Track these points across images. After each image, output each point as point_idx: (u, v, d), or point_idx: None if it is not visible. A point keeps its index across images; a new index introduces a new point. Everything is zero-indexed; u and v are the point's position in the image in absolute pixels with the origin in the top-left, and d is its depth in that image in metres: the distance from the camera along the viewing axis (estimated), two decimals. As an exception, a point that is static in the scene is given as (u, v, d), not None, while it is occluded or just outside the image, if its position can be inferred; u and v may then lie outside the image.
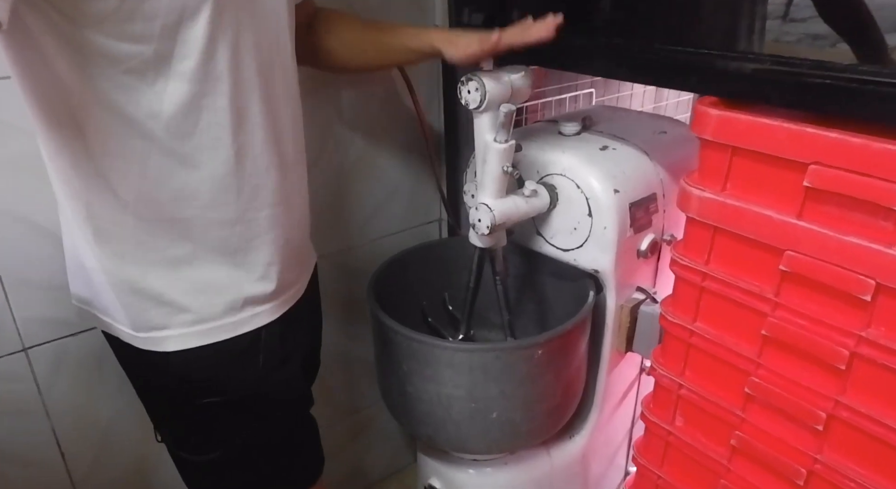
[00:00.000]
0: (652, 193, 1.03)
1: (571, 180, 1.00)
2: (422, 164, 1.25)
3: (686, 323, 0.86)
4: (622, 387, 1.18)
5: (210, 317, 0.72)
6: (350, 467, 1.44)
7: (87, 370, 1.00)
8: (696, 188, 0.78)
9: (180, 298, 0.70)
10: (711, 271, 0.81)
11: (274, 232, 0.75)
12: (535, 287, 1.24)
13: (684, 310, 0.86)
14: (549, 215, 1.05)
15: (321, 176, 1.14)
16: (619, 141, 1.07)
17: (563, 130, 1.09)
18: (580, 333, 1.01)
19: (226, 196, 0.69)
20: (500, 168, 0.94)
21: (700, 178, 0.79)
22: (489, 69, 0.90)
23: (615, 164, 1.00)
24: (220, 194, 0.69)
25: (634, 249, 1.04)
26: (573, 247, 1.04)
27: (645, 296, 1.07)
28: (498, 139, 0.92)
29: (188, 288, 0.71)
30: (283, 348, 0.79)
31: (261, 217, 0.73)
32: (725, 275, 0.79)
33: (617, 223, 0.98)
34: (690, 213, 0.80)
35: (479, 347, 0.92)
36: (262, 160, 0.71)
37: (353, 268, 1.25)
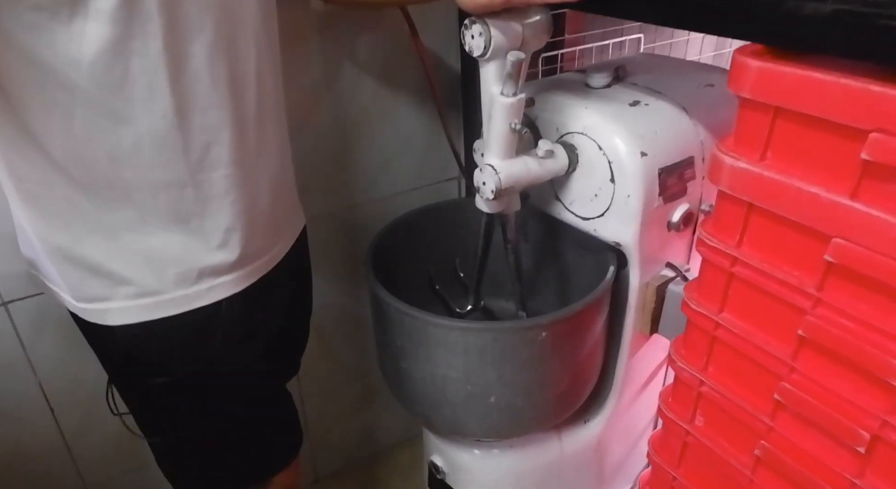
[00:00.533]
0: (688, 157, 0.89)
1: (593, 140, 0.87)
2: (437, 114, 1.14)
3: (711, 313, 0.74)
4: (647, 370, 1.07)
5: (158, 290, 0.65)
6: (360, 431, 1.39)
7: (70, 327, 0.96)
8: (730, 156, 0.65)
9: (121, 269, 0.63)
10: (743, 256, 0.68)
11: (233, 195, 0.66)
12: (557, 256, 1.12)
13: (710, 298, 0.74)
14: (569, 179, 0.93)
15: (321, 126, 1.05)
16: (655, 95, 0.92)
17: (590, 82, 0.95)
18: (594, 315, 0.90)
19: (170, 155, 0.61)
20: (507, 125, 0.82)
21: (735, 144, 0.66)
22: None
23: (645, 123, 0.87)
24: (162, 153, 0.60)
25: (664, 221, 0.91)
26: (593, 215, 0.92)
27: (675, 273, 0.95)
28: (505, 92, 0.80)
29: (131, 257, 0.63)
30: (246, 323, 0.71)
31: (215, 178, 0.64)
32: (759, 262, 0.66)
33: (643, 191, 0.85)
34: (721, 185, 0.67)
35: (475, 327, 0.83)
36: (211, 115, 0.62)
37: (360, 227, 1.16)
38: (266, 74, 0.67)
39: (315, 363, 1.24)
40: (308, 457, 1.33)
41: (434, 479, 1.13)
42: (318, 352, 1.23)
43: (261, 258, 0.73)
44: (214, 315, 0.68)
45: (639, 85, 0.96)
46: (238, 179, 0.66)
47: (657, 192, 0.86)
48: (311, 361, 1.23)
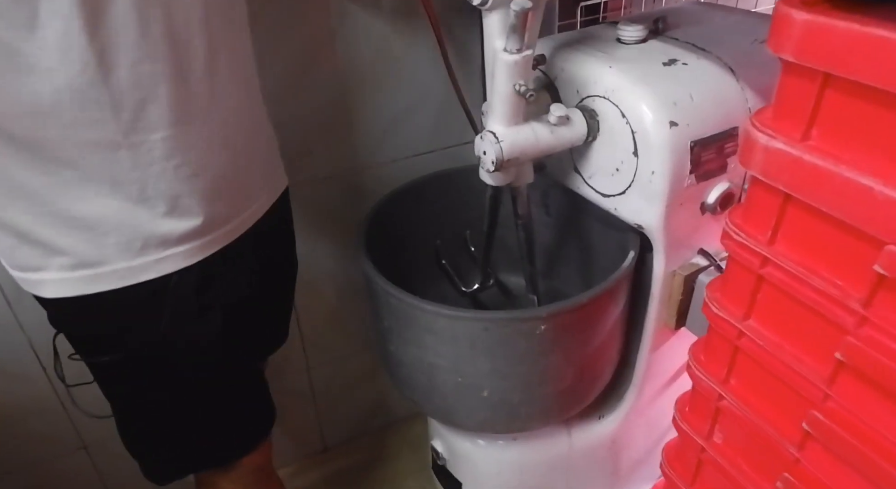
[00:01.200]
0: (731, 128, 0.75)
1: (615, 105, 0.74)
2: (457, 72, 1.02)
3: (735, 319, 0.62)
4: (672, 365, 0.95)
5: (97, 261, 0.59)
6: (370, 402, 1.34)
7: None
8: (765, 133, 0.52)
9: (54, 237, 0.57)
10: (775, 256, 0.55)
11: (177, 159, 0.58)
12: (580, 232, 1.01)
13: (735, 302, 0.62)
14: (589, 149, 0.81)
15: (322, 81, 0.96)
16: (696, 52, 0.78)
17: (621, 36, 0.81)
18: (605, 306, 0.79)
19: (96, 113, 0.53)
20: (511, 86, 0.70)
21: (773, 119, 0.53)
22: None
23: (680, 86, 0.73)
24: (87, 110, 0.53)
25: (697, 202, 0.78)
26: (614, 192, 0.80)
27: (708, 262, 0.82)
28: (508, 48, 0.68)
29: (63, 224, 0.57)
30: (202, 298, 0.65)
31: (153, 141, 0.56)
32: (794, 265, 0.54)
33: (669, 167, 0.72)
34: (752, 168, 0.54)
35: (464, 315, 0.74)
36: (145, 67, 0.53)
37: (368, 191, 1.07)
38: (216, 20, 0.58)
39: (322, 332, 1.18)
40: (315, 426, 1.30)
41: (435, 464, 1.07)
42: (326, 321, 1.17)
43: (222, 227, 0.65)
44: (161, 289, 0.61)
45: (679, 40, 0.82)
46: (182, 142, 0.58)
47: (688, 168, 0.73)
48: (318, 331, 1.18)
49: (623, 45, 0.81)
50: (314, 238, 1.08)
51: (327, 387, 1.25)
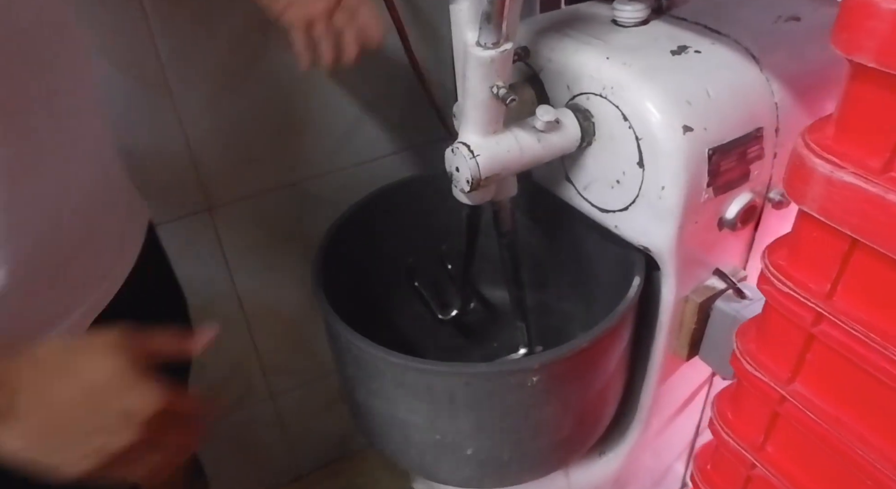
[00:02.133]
0: (755, 129, 0.62)
1: (615, 106, 0.61)
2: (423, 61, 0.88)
3: (777, 381, 0.49)
4: (682, 394, 0.84)
5: None
6: (344, 426, 1.21)
7: None
8: (827, 160, 0.39)
9: None
10: (834, 313, 0.43)
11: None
12: (571, 239, 0.88)
13: (777, 361, 0.50)
14: (583, 155, 0.67)
15: (264, 73, 0.81)
16: (711, 35, 0.64)
17: (618, 17, 0.67)
18: (607, 347, 0.66)
19: None
20: (487, 88, 0.56)
21: (836, 140, 0.39)
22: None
23: (694, 79, 0.60)
24: None
25: (714, 218, 0.65)
26: (614, 208, 0.67)
27: (726, 284, 0.70)
28: (482, 41, 0.54)
29: None
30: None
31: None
32: (862, 327, 0.42)
33: (684, 181, 0.59)
34: (807, 204, 0.41)
35: (439, 369, 0.61)
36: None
37: (328, 200, 0.93)
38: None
39: (284, 356, 1.05)
40: (286, 454, 1.18)
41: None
42: (286, 344, 1.04)
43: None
44: None
45: (688, 20, 0.68)
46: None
47: (705, 181, 0.60)
48: (279, 354, 1.05)
49: (621, 28, 0.67)
50: (265, 255, 0.94)
51: (296, 414, 1.13)
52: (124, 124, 0.76)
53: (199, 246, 0.88)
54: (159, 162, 0.81)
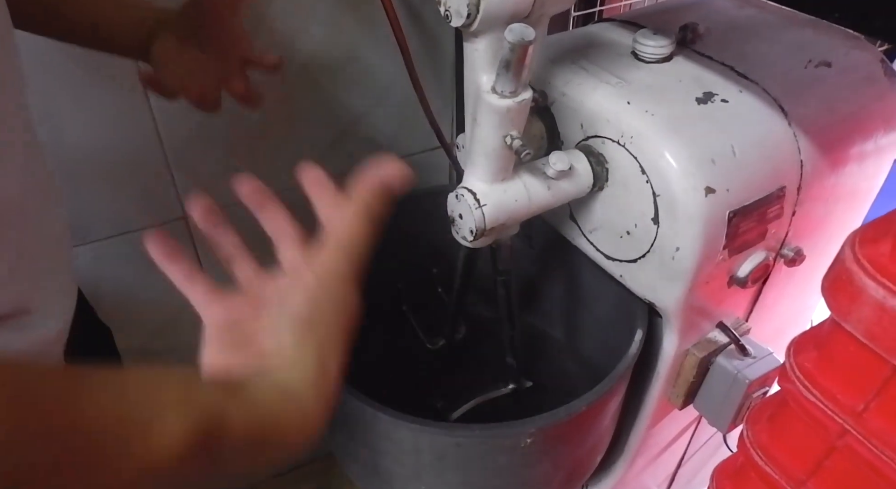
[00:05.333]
0: (778, 188, 0.58)
1: (633, 156, 0.56)
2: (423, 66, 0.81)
3: (788, 481, 0.47)
4: (669, 435, 0.82)
5: None
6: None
7: None
8: (881, 284, 0.35)
9: None
10: (865, 434, 0.40)
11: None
12: (569, 272, 0.84)
13: (791, 459, 0.47)
14: (592, 198, 0.63)
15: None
16: (738, 81, 0.60)
17: (640, 51, 0.62)
18: (605, 406, 0.63)
19: None
20: (500, 138, 0.51)
21: (893, 260, 0.36)
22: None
23: (720, 134, 0.56)
24: None
25: (726, 276, 0.62)
26: (622, 258, 0.63)
27: (728, 339, 0.67)
28: (498, 88, 0.49)
29: None
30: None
31: None
32: (891, 453, 0.39)
33: (701, 244, 0.55)
34: (851, 323, 0.38)
35: (430, 429, 0.57)
36: None
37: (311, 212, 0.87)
38: None
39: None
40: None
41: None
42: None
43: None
44: None
45: (714, 58, 0.63)
46: None
47: (722, 243, 0.57)
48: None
49: (642, 63, 0.62)
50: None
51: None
52: (100, 129, 0.70)
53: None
54: (135, 168, 0.75)
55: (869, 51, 0.66)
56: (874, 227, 0.38)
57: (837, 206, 0.66)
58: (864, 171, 0.67)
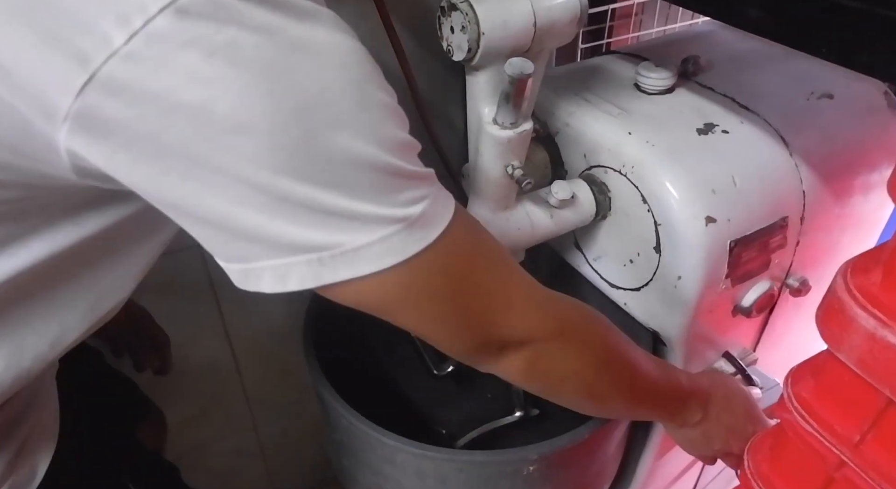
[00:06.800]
0: (780, 218, 0.58)
1: (635, 186, 0.57)
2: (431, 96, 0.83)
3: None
4: (676, 468, 0.81)
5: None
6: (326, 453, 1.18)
7: None
8: (871, 314, 0.36)
9: None
10: (863, 465, 0.40)
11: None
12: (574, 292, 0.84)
13: (789, 485, 0.47)
14: (596, 227, 0.64)
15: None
16: (739, 112, 0.61)
17: (642, 83, 0.63)
18: (609, 435, 0.63)
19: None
20: (501, 167, 0.53)
21: (884, 290, 0.36)
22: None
23: (721, 164, 0.56)
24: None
25: (730, 305, 0.62)
26: (625, 286, 0.64)
27: (735, 369, 0.67)
28: (499, 120, 0.50)
29: None
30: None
31: None
32: (887, 484, 0.39)
33: (702, 274, 0.56)
34: (843, 353, 0.38)
35: (433, 454, 0.57)
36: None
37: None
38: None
39: (268, 387, 1.02)
40: (266, 483, 1.14)
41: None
42: (271, 374, 1.01)
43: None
44: None
45: (716, 90, 0.64)
46: None
47: (724, 272, 0.57)
48: (264, 386, 1.02)
49: (644, 95, 0.64)
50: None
51: (278, 444, 1.10)
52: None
53: (187, 279, 0.85)
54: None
55: (872, 83, 0.67)
56: (866, 257, 0.38)
57: (844, 235, 0.66)
58: (869, 202, 0.67)
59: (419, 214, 0.33)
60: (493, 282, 0.40)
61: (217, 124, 0.27)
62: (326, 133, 0.29)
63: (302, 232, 0.31)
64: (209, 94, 0.27)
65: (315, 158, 0.30)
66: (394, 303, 0.36)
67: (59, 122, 0.28)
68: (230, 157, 0.28)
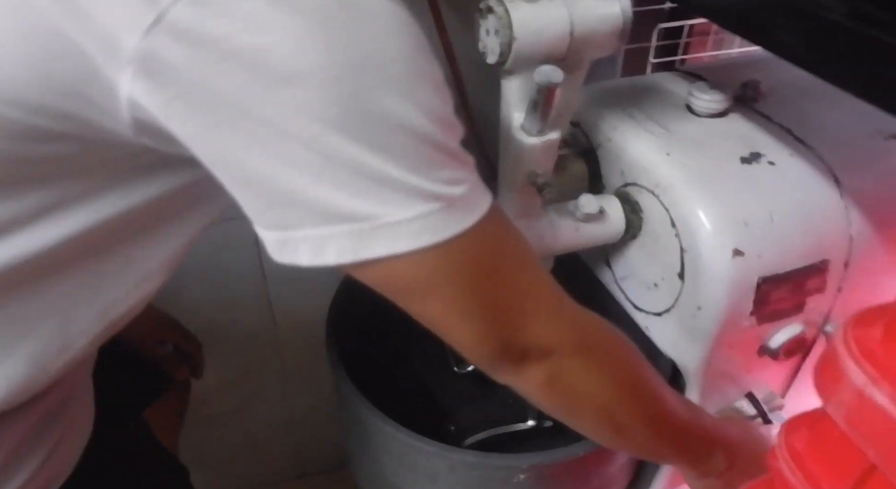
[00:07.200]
0: (820, 261, 0.55)
1: (664, 208, 0.56)
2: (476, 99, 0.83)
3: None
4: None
5: None
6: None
7: None
8: (863, 369, 0.33)
9: None
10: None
11: None
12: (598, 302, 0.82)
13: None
14: (626, 245, 0.63)
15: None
16: (792, 144, 0.58)
17: (694, 104, 0.61)
18: (606, 457, 0.62)
19: None
20: (524, 174, 0.52)
21: (883, 346, 0.34)
22: None
23: (759, 197, 0.54)
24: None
25: (755, 344, 0.59)
26: (648, 309, 0.62)
27: (756, 412, 0.64)
28: (526, 126, 0.50)
29: None
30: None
31: None
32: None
33: (724, 307, 0.54)
34: (832, 407, 0.36)
35: (424, 447, 0.57)
36: None
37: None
38: None
39: (306, 362, 1.05)
40: (292, 453, 1.18)
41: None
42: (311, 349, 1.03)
43: None
44: None
45: (773, 119, 0.61)
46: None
47: (749, 309, 0.54)
48: (305, 361, 1.05)
49: (694, 116, 0.61)
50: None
51: (306, 418, 1.13)
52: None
53: (237, 244, 0.88)
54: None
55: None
56: (874, 310, 0.36)
57: (894, 285, 0.62)
58: (930, 254, 0.62)
59: (459, 196, 0.33)
60: (523, 283, 0.39)
61: (271, 72, 0.28)
62: (378, 93, 0.29)
63: (345, 199, 0.31)
64: (267, 41, 0.27)
65: (366, 117, 0.29)
66: (423, 287, 0.35)
67: (123, 63, 0.28)
68: (281, 108, 0.28)
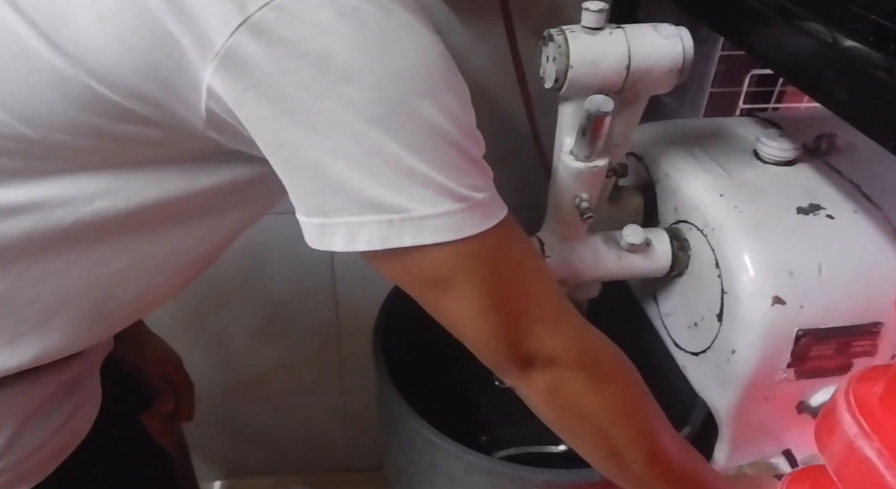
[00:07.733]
0: (871, 322, 0.53)
1: (711, 248, 0.56)
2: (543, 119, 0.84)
3: None
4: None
5: None
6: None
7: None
8: (857, 422, 0.33)
9: None
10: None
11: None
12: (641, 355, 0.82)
13: None
14: (672, 282, 0.63)
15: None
16: (857, 200, 0.56)
17: (761, 150, 0.61)
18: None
19: None
20: (570, 197, 0.54)
21: (882, 404, 0.33)
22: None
23: (809, 248, 0.53)
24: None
25: (793, 399, 0.57)
26: (687, 348, 0.62)
27: (791, 470, 0.61)
28: (575, 152, 0.52)
29: None
30: None
31: None
32: None
33: (758, 354, 0.53)
34: (825, 457, 0.36)
35: (444, 445, 0.58)
36: None
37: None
38: None
39: (364, 357, 1.09)
40: (341, 444, 1.23)
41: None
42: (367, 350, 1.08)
43: None
44: None
45: (843, 174, 0.59)
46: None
47: (786, 361, 0.53)
48: (360, 355, 1.10)
49: (759, 163, 0.61)
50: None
51: (360, 413, 1.18)
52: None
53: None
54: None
55: None
56: (880, 368, 0.35)
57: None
58: None
59: (480, 201, 0.37)
60: (535, 290, 0.42)
61: (333, 72, 0.33)
62: (418, 100, 0.35)
63: (380, 190, 0.35)
64: (332, 46, 0.33)
65: (406, 119, 0.35)
66: (441, 280, 0.39)
67: (209, 58, 0.33)
68: (337, 103, 0.33)
